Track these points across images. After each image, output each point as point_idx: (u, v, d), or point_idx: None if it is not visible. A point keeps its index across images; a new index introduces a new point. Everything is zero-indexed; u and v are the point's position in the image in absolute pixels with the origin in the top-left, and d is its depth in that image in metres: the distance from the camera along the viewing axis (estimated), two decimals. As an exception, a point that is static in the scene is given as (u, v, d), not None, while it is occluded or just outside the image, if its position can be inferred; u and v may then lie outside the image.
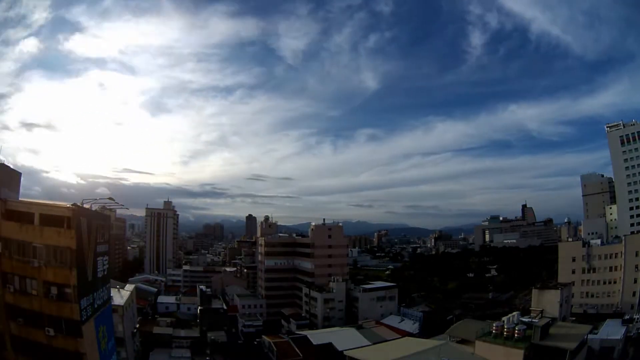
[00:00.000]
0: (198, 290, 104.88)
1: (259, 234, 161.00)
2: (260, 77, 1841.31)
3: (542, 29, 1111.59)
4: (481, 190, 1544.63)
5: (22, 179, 38.50)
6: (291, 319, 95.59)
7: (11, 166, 37.78)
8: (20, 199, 36.01)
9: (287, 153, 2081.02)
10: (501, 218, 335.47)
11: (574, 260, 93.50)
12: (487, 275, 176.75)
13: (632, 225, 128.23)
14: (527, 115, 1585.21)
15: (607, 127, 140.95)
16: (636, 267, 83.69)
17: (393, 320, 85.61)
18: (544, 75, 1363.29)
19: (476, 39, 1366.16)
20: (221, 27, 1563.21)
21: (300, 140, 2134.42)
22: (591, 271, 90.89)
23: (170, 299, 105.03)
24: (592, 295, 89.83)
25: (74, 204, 32.52)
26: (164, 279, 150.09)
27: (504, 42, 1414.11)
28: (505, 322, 49.02)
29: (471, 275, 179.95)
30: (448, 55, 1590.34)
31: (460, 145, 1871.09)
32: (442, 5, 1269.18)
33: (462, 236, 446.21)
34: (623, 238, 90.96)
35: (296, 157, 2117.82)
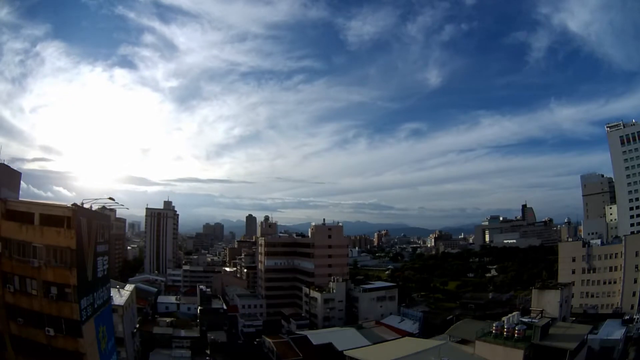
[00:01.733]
0: (198, 290, 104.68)
1: (259, 234, 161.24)
2: (320, 63, 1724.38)
3: (594, 38, 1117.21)
4: (502, 190, 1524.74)
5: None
6: (291, 319, 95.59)
7: (11, 166, 37.80)
8: (20, 198, 36.03)
9: (318, 149, 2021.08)
10: (501, 218, 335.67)
11: (574, 260, 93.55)
12: (487, 275, 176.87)
13: (632, 225, 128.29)
14: (564, 115, 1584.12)
15: (607, 127, 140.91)
16: (636, 267, 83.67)
17: (393, 320, 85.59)
18: (589, 79, 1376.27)
19: (541, 42, 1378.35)
20: (289, 3, 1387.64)
21: (337, 134, 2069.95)
22: (591, 271, 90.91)
23: (170, 299, 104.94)
24: (592, 295, 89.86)
25: (74, 204, 32.51)
26: (164, 279, 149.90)
27: (563, 47, 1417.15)
28: (505, 322, 48.99)
29: (471, 275, 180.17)
30: (515, 55, 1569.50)
31: (499, 142, 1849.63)
32: (521, 5, 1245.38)
33: (462, 236, 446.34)
34: (623, 238, 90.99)
35: (325, 153, 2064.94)
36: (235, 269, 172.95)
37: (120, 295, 58.24)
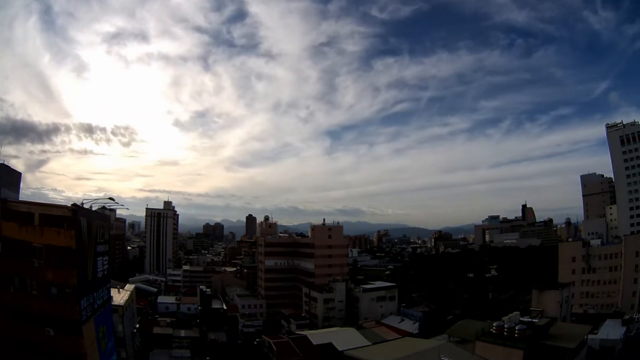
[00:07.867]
0: (198, 290, 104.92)
1: (259, 234, 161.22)
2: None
3: None
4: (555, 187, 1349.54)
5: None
6: (291, 319, 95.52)
7: (11, 166, 37.84)
8: (20, 198, 36.04)
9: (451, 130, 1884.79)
10: (501, 218, 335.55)
11: (574, 260, 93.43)
12: (487, 275, 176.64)
13: (632, 225, 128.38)
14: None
15: (607, 127, 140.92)
16: (636, 267, 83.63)
17: (393, 320, 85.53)
18: None
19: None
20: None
21: (495, 111, 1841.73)
22: (591, 271, 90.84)
23: (170, 299, 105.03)
24: (592, 295, 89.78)
25: (74, 204, 32.53)
26: (164, 279, 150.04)
27: None
28: (505, 322, 48.96)
29: (471, 275, 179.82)
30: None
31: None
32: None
33: (462, 236, 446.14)
34: (623, 238, 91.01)
35: (443, 142, 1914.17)
36: (235, 269, 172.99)
37: (120, 295, 58.32)
